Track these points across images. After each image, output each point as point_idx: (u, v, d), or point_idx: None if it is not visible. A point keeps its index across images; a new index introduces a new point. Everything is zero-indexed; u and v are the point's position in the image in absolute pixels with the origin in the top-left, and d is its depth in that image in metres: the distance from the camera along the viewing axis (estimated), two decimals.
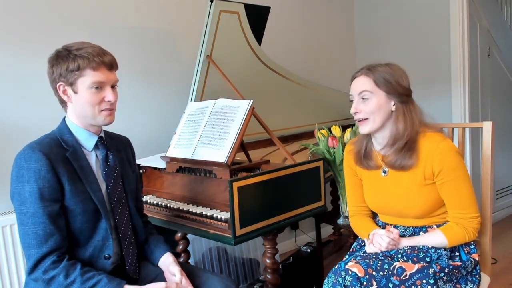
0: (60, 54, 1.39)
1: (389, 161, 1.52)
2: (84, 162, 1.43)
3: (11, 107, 2.19)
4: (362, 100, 1.48)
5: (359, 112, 1.49)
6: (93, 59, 1.36)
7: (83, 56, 1.36)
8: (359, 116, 1.49)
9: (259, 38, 2.62)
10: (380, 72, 1.47)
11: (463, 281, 1.45)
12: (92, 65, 1.36)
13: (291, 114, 2.80)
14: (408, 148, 1.48)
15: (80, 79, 1.37)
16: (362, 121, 1.50)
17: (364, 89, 1.47)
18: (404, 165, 1.48)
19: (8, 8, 2.17)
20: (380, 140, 1.54)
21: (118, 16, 2.54)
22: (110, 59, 1.41)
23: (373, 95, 1.46)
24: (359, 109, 1.49)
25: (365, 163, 1.58)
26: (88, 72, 1.37)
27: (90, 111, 1.41)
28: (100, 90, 1.40)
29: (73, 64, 1.36)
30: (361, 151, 1.59)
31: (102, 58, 1.38)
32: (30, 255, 1.32)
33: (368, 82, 1.47)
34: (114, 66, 1.43)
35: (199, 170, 1.96)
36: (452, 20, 3.27)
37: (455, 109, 3.33)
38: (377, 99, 1.46)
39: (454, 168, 1.45)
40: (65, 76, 1.38)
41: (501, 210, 3.79)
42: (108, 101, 1.41)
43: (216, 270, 2.63)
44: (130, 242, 1.52)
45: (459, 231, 1.47)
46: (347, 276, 1.34)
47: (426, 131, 1.50)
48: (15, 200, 1.34)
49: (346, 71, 3.78)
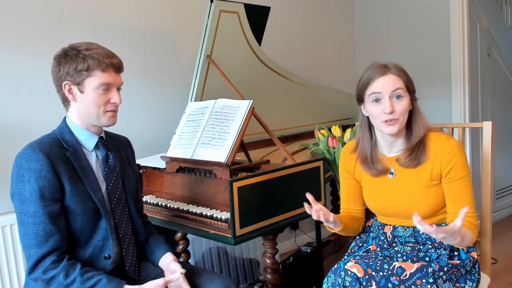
0: (68, 53, 1.39)
1: (403, 160, 1.49)
2: (84, 162, 1.43)
3: (11, 107, 2.19)
4: (396, 98, 1.42)
5: (394, 112, 1.41)
6: (103, 61, 1.37)
7: (93, 57, 1.37)
8: (394, 116, 1.41)
9: (259, 38, 2.62)
10: (405, 72, 1.46)
11: (463, 280, 1.45)
12: (102, 67, 1.37)
13: (291, 114, 2.80)
14: (420, 145, 1.47)
15: (88, 79, 1.38)
16: (393, 121, 1.42)
17: (399, 87, 1.42)
18: (419, 161, 1.46)
19: (8, 8, 2.17)
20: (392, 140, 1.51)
21: (118, 16, 2.54)
22: (118, 61, 1.43)
23: (405, 94, 1.44)
24: (394, 107, 1.41)
25: (374, 169, 1.54)
26: (97, 73, 1.37)
27: (95, 111, 1.41)
28: (106, 91, 1.41)
29: (83, 64, 1.36)
30: (368, 157, 1.54)
31: (111, 60, 1.40)
32: (30, 254, 1.32)
33: (400, 81, 1.43)
34: (121, 68, 1.45)
35: (199, 170, 1.96)
36: (452, 20, 3.27)
37: (455, 109, 3.33)
38: (407, 98, 1.44)
39: (463, 167, 1.45)
40: (73, 75, 1.38)
41: (501, 210, 3.79)
42: (113, 103, 1.42)
43: (216, 270, 2.63)
44: (130, 243, 1.52)
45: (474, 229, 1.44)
46: (346, 277, 1.33)
47: (430, 130, 1.50)
48: (16, 199, 1.34)
49: (346, 71, 3.79)
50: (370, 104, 1.46)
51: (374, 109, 1.44)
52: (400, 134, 1.50)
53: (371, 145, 1.55)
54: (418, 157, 1.47)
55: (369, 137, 1.55)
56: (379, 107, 1.43)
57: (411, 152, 1.48)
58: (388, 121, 1.42)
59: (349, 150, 1.63)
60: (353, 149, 1.62)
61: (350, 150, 1.63)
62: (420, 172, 1.49)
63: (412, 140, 1.48)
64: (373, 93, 1.43)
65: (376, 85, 1.43)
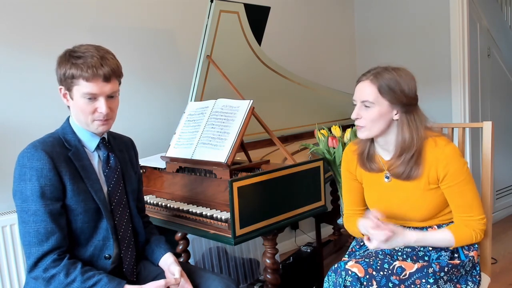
0: (62, 57, 1.38)
1: (395, 172, 1.50)
2: (86, 162, 1.43)
3: (13, 107, 2.19)
4: (365, 107, 1.46)
5: (360, 118, 1.48)
6: (87, 71, 1.33)
7: (78, 66, 1.34)
8: (359, 123, 1.49)
9: (259, 38, 2.62)
10: (385, 79, 1.43)
11: (463, 281, 1.45)
12: (86, 76, 1.34)
13: (291, 114, 2.80)
14: (415, 158, 1.46)
15: (75, 87, 1.37)
16: (359, 127, 1.50)
17: (366, 99, 1.45)
18: (410, 175, 1.47)
19: (9, 8, 2.17)
20: (383, 144, 1.52)
21: (118, 16, 2.54)
22: (107, 71, 1.36)
23: (375, 104, 1.44)
24: (360, 115, 1.47)
25: (367, 165, 1.56)
26: (82, 82, 1.35)
27: (83, 118, 1.41)
28: (93, 100, 1.38)
29: (69, 71, 1.35)
30: (365, 152, 1.57)
31: (96, 71, 1.34)
32: (30, 253, 1.32)
33: (372, 90, 1.44)
34: (111, 77, 1.38)
35: (199, 170, 1.96)
36: (452, 20, 3.27)
37: (455, 109, 3.33)
38: (379, 108, 1.44)
39: (459, 172, 1.44)
40: (64, 80, 1.38)
41: (501, 210, 3.79)
42: (100, 113, 1.39)
43: (216, 270, 2.63)
44: (129, 244, 1.52)
45: (468, 232, 1.46)
46: (347, 276, 1.34)
47: (429, 135, 1.48)
48: (17, 198, 1.34)
49: (346, 71, 3.79)
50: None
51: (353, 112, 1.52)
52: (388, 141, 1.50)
53: (368, 144, 1.57)
54: (410, 171, 1.46)
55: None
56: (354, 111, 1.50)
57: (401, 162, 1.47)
58: (356, 125, 1.51)
59: (351, 150, 1.65)
60: (355, 149, 1.63)
61: (351, 150, 1.64)
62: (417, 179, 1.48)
63: (395, 151, 1.48)
64: (353, 100, 1.51)
65: (355, 91, 1.50)
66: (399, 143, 1.46)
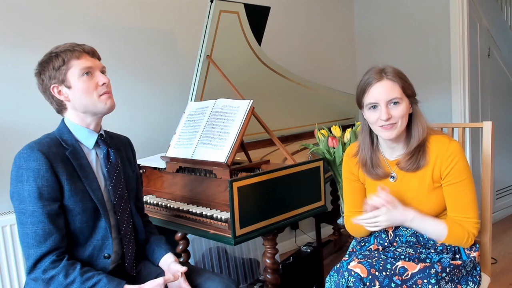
0: (42, 61, 1.43)
1: (403, 164, 1.50)
2: (84, 161, 1.42)
3: (11, 107, 2.19)
4: (393, 104, 1.44)
5: (391, 118, 1.43)
6: (74, 49, 1.40)
7: (64, 50, 1.40)
8: (391, 121, 1.43)
9: (259, 38, 2.62)
10: (399, 73, 1.45)
11: (464, 281, 1.45)
12: (75, 55, 1.40)
13: (291, 114, 2.80)
14: (420, 149, 1.47)
15: (69, 72, 1.40)
16: (390, 125, 1.44)
17: (394, 96, 1.43)
18: (418, 165, 1.47)
19: (8, 8, 2.17)
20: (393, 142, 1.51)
21: (118, 16, 2.54)
22: (90, 47, 1.45)
23: (402, 100, 1.44)
24: (390, 114, 1.43)
25: (373, 173, 1.55)
26: (74, 62, 1.40)
27: (89, 99, 1.41)
28: (91, 76, 1.42)
29: (58, 61, 1.39)
30: (368, 161, 1.55)
31: (82, 47, 1.42)
32: (29, 254, 1.32)
33: (396, 86, 1.44)
34: (95, 53, 1.46)
35: (199, 170, 1.96)
36: (452, 20, 3.27)
37: (455, 109, 3.33)
38: (405, 103, 1.45)
39: (462, 171, 1.45)
40: (55, 75, 1.40)
41: (501, 210, 3.79)
42: (103, 84, 1.43)
43: (216, 270, 2.63)
44: (130, 240, 1.52)
45: (462, 232, 1.45)
46: (350, 277, 1.33)
47: (431, 133, 1.50)
48: (15, 199, 1.34)
49: (346, 71, 3.79)
50: (367, 111, 1.48)
51: (372, 115, 1.47)
52: (400, 138, 1.50)
53: (372, 149, 1.56)
54: (418, 161, 1.47)
55: (369, 141, 1.56)
56: (376, 113, 1.45)
57: (411, 156, 1.48)
58: (385, 126, 1.45)
59: (351, 153, 1.64)
60: (355, 152, 1.62)
61: (352, 154, 1.63)
62: (422, 176, 1.49)
63: (411, 144, 1.48)
64: (369, 103, 1.46)
65: (373, 93, 1.45)
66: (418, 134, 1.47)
